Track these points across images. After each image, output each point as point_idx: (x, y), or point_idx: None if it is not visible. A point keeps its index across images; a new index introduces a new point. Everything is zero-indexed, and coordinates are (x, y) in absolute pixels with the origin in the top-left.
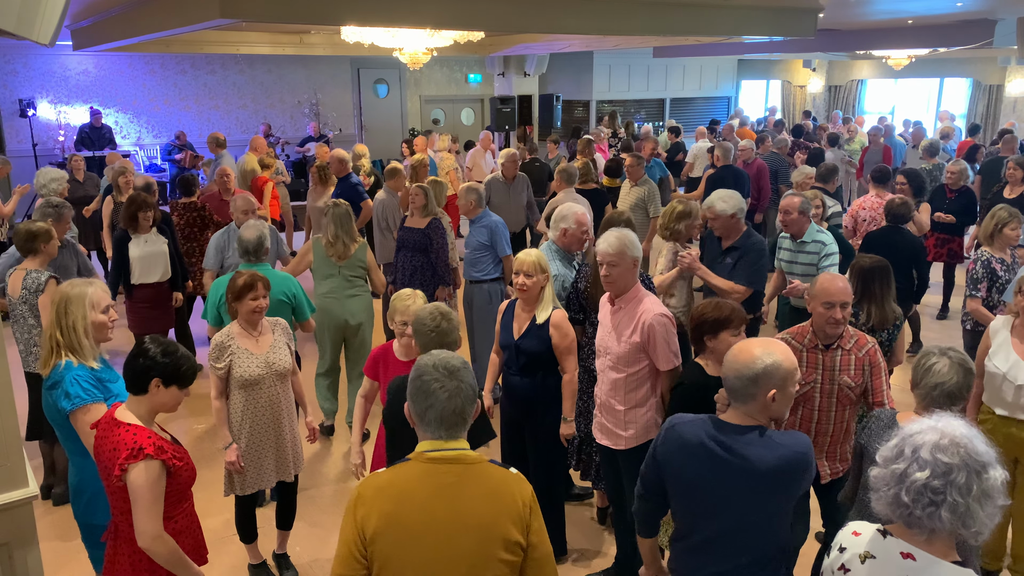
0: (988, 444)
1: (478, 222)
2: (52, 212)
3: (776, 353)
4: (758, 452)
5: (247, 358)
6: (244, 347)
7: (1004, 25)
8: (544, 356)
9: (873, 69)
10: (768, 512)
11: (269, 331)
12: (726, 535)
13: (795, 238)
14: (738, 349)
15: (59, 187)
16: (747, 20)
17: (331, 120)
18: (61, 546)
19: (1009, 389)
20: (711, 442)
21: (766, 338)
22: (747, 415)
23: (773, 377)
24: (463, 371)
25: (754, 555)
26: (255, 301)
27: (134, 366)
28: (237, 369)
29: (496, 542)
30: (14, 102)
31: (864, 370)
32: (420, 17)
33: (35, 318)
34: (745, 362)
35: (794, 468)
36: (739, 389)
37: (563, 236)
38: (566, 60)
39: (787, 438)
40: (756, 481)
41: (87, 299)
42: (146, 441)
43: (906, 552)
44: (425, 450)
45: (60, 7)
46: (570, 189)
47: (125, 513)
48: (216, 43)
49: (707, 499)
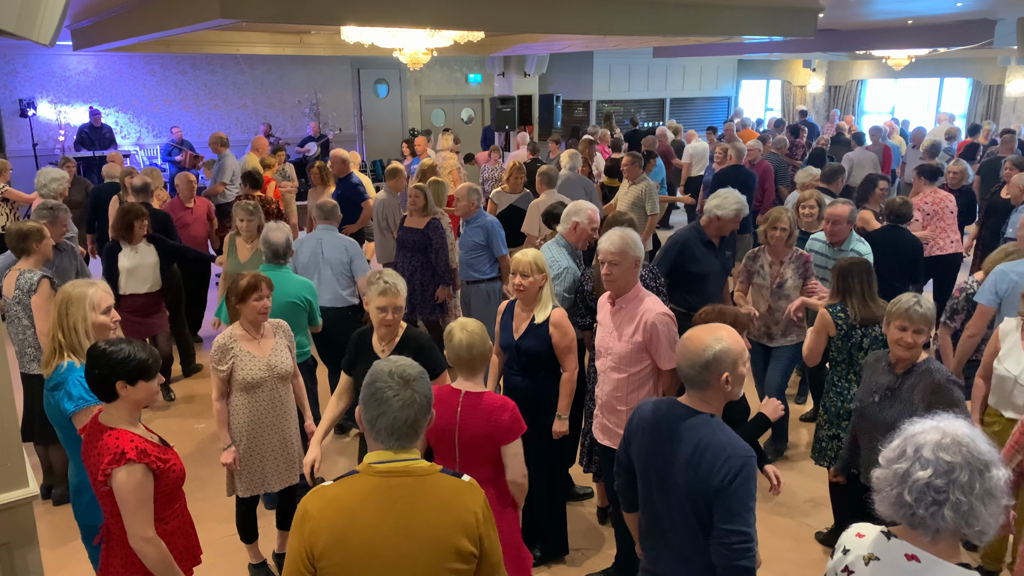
0: (990, 444)
1: (473, 222)
2: (47, 214)
3: (724, 338)
4: (695, 435)
5: (249, 360)
6: (246, 349)
7: (1004, 25)
8: (545, 356)
9: (873, 69)
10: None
11: (271, 334)
12: (661, 517)
13: (835, 245)
14: (687, 338)
15: (60, 187)
16: (747, 20)
17: (331, 120)
18: (61, 546)
19: (1020, 393)
20: (662, 420)
21: (712, 324)
22: (703, 400)
23: (724, 361)
24: (419, 381)
25: (676, 548)
26: (259, 302)
27: (93, 378)
28: (239, 371)
29: (448, 554)
30: (14, 102)
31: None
32: (420, 17)
33: (29, 319)
34: (696, 350)
35: (711, 458)
36: (694, 376)
37: (573, 231)
38: (566, 60)
39: (732, 436)
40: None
41: (88, 300)
42: (128, 445)
43: (910, 554)
44: (374, 462)
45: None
46: (552, 191)
47: (116, 516)
48: (216, 43)
49: (651, 476)
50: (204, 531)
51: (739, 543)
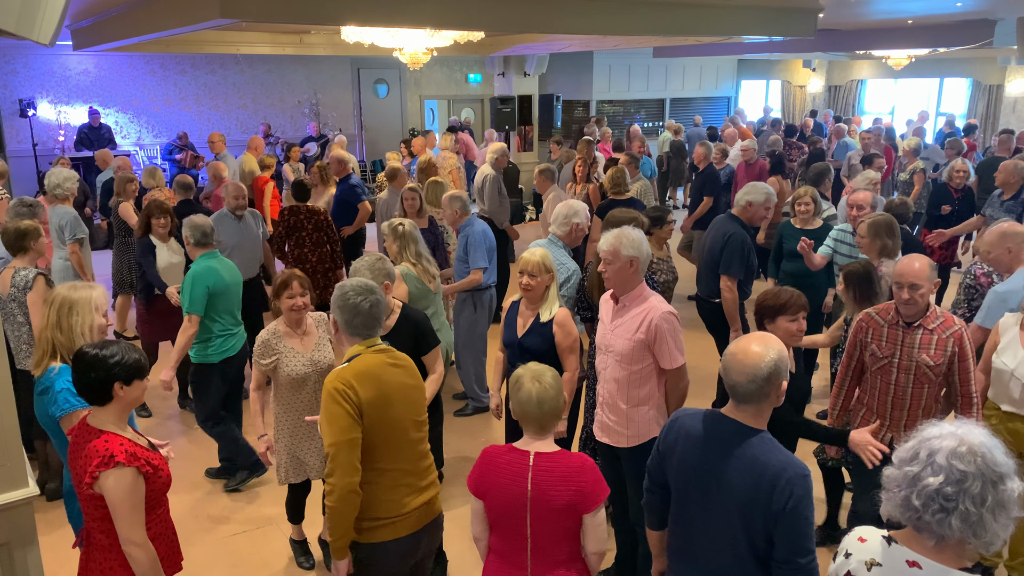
0: (1008, 455)
1: (461, 231)
2: (26, 211)
3: (774, 346)
4: (749, 453)
5: (293, 356)
6: (290, 346)
7: (1004, 25)
8: (547, 354)
9: (873, 69)
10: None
11: (314, 328)
12: (698, 535)
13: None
14: (740, 351)
15: (72, 186)
16: (747, 20)
17: (331, 120)
18: (61, 546)
19: (1016, 386)
20: (712, 436)
21: (757, 334)
22: (757, 414)
23: (782, 371)
24: (378, 290)
25: (711, 565)
26: (291, 299)
27: (89, 382)
28: (284, 368)
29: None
30: (14, 102)
31: (948, 351)
32: (420, 17)
33: (24, 316)
34: (754, 363)
35: (771, 479)
36: (754, 392)
37: (571, 232)
38: (566, 60)
39: (788, 456)
40: (736, 484)
41: (92, 303)
42: (118, 448)
43: (912, 560)
44: (367, 347)
45: (60, 7)
46: (554, 185)
47: (97, 520)
48: (216, 43)
49: (691, 492)
50: (204, 531)
51: (809, 564)
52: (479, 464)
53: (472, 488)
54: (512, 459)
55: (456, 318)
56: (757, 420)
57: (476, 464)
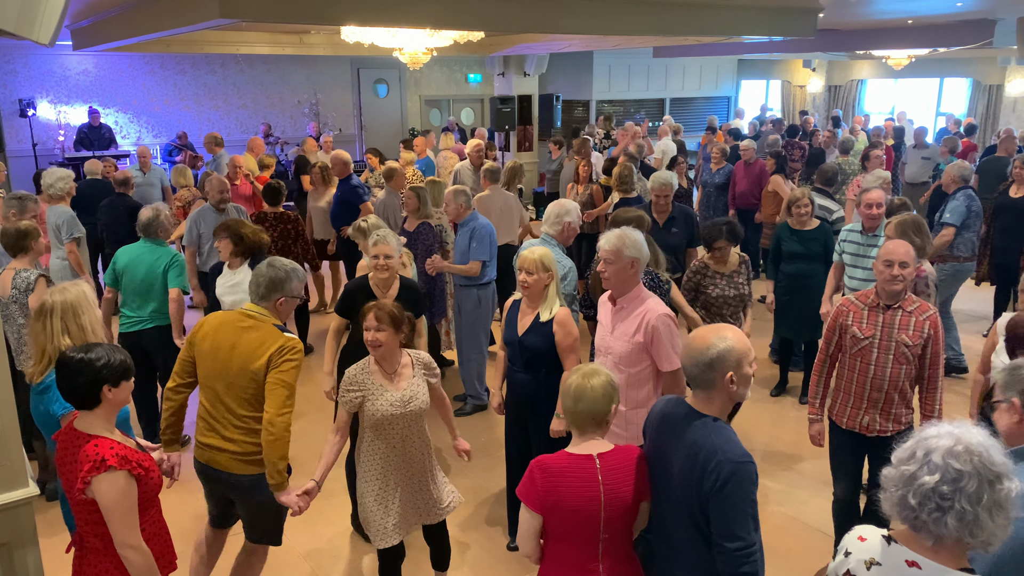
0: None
1: (464, 225)
2: (16, 204)
3: (728, 336)
4: (690, 436)
5: (381, 395)
6: (379, 383)
7: (1004, 25)
8: (547, 353)
9: (873, 69)
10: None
11: (409, 366)
12: (666, 518)
13: (869, 231)
14: (692, 337)
15: (66, 186)
16: (747, 20)
17: (331, 120)
18: (61, 546)
19: None
20: (667, 418)
21: (718, 323)
22: (707, 401)
23: (727, 360)
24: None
25: (678, 549)
26: (368, 332)
27: (77, 387)
28: (369, 406)
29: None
30: (14, 102)
31: (924, 333)
32: (420, 17)
33: (24, 317)
34: (700, 348)
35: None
36: (698, 375)
37: (564, 230)
38: (566, 60)
39: (726, 440)
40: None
41: (88, 296)
42: (108, 453)
43: (911, 560)
44: (246, 307)
45: (60, 7)
46: (496, 185)
47: (90, 524)
48: (216, 43)
49: (656, 475)
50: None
51: (738, 550)
52: (540, 478)
53: (537, 504)
54: (577, 465)
55: (456, 313)
56: (708, 406)
57: (534, 479)
